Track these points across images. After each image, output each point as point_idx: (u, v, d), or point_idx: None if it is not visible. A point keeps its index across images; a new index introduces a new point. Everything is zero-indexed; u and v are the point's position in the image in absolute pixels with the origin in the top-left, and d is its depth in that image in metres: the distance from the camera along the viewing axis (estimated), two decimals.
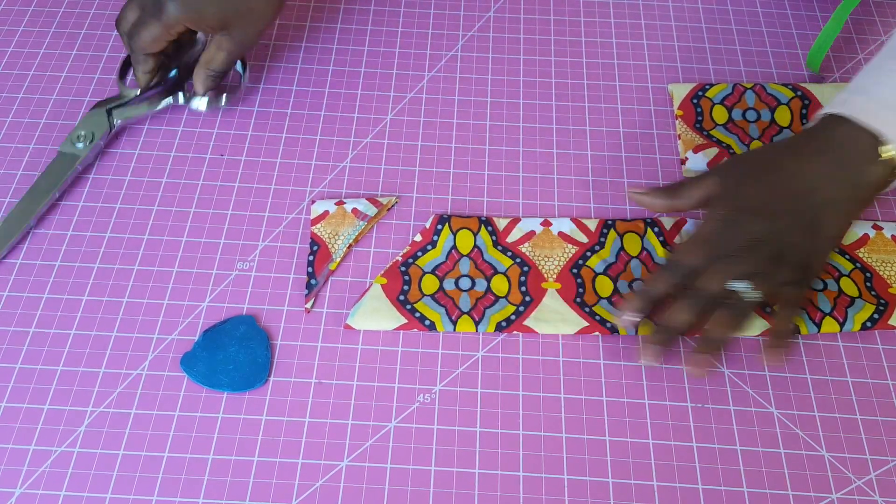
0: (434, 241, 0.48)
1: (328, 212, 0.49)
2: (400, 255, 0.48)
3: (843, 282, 0.47)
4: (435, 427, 0.43)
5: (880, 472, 0.42)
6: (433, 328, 0.45)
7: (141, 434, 0.42)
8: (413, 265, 0.47)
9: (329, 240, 0.48)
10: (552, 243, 0.49)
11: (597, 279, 0.47)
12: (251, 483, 0.41)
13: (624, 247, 0.49)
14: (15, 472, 0.41)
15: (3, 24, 0.60)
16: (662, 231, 0.49)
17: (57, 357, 0.44)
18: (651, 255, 0.48)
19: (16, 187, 0.51)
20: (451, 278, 0.47)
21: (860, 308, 0.46)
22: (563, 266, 0.48)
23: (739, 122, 0.54)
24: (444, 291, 0.47)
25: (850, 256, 0.48)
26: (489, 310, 0.46)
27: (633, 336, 0.46)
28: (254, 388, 0.43)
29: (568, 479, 0.41)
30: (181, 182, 0.51)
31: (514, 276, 0.47)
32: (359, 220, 0.48)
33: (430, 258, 0.48)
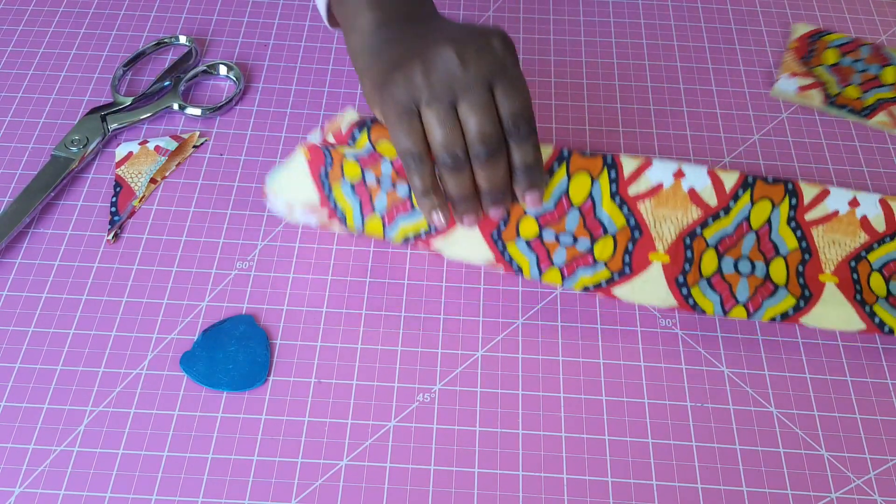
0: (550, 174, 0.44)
1: (132, 153, 0.51)
2: None
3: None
4: (434, 426, 0.43)
5: (879, 472, 0.42)
6: (520, 272, 0.44)
7: (140, 433, 0.42)
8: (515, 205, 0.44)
9: (131, 179, 0.50)
10: (677, 202, 0.44)
11: (705, 254, 0.44)
12: (251, 482, 0.41)
13: (749, 217, 0.45)
14: (14, 471, 0.41)
15: (3, 24, 0.60)
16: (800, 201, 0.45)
17: (56, 356, 0.44)
18: (770, 229, 0.45)
19: (14, 187, 0.51)
20: (551, 229, 0.44)
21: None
22: (679, 234, 0.44)
23: (846, 68, 0.55)
24: (541, 240, 0.44)
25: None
26: (583, 270, 0.43)
27: (633, 335, 0.46)
28: (253, 387, 0.43)
29: (567, 478, 0.41)
30: (180, 181, 0.51)
31: (621, 241, 0.44)
32: (160, 156, 0.50)
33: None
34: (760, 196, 0.45)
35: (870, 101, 0.54)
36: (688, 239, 0.44)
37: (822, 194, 0.46)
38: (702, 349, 0.46)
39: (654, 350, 0.46)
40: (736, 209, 0.45)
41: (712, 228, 0.45)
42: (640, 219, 0.44)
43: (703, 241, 0.44)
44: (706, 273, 0.44)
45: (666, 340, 0.46)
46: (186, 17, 0.61)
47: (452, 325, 0.46)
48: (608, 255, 0.44)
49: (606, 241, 0.44)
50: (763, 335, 0.46)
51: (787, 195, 0.45)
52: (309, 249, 0.49)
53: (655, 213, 0.44)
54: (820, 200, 0.45)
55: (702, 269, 0.44)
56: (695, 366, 0.45)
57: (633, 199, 0.45)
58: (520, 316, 0.47)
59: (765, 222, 0.45)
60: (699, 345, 0.46)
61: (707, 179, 0.45)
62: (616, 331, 0.46)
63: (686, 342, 0.46)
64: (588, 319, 0.47)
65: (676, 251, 0.44)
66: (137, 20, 0.60)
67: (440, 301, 0.47)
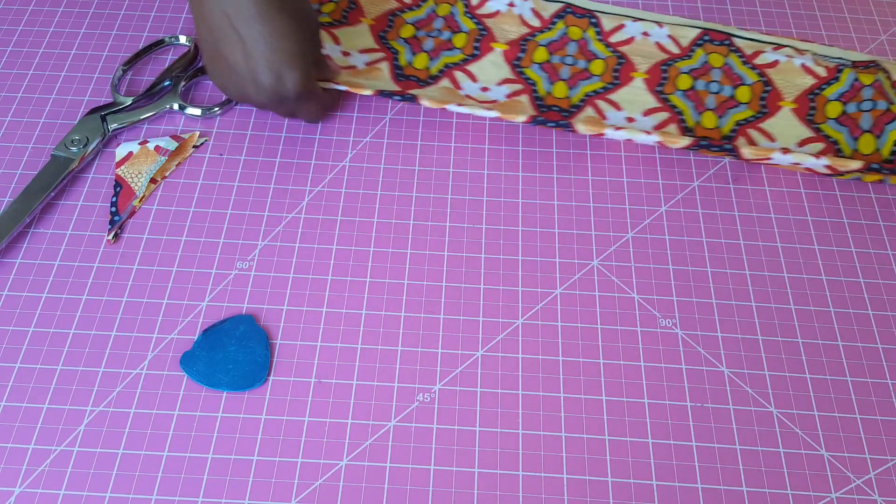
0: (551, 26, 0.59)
1: (132, 153, 0.51)
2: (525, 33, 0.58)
3: (739, 90, 0.55)
4: (434, 426, 0.43)
5: (879, 472, 0.42)
6: (535, 88, 0.55)
7: (140, 433, 0.42)
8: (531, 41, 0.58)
9: (131, 179, 0.50)
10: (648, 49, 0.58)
11: (679, 76, 0.56)
12: (251, 482, 0.41)
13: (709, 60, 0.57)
14: (14, 471, 0.41)
15: (3, 24, 0.60)
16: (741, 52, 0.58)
17: (56, 356, 0.44)
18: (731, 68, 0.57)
19: (15, 187, 0.51)
20: (558, 55, 0.57)
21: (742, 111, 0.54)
22: (655, 63, 0.57)
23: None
24: (550, 62, 0.57)
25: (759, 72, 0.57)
26: (583, 82, 0.55)
27: (633, 335, 0.46)
28: (253, 387, 0.43)
29: (567, 478, 0.41)
30: (180, 181, 0.51)
31: (610, 64, 0.57)
32: (160, 156, 0.50)
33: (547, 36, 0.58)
34: (711, 51, 0.58)
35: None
36: (663, 66, 0.57)
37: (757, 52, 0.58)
38: (702, 349, 0.46)
39: (654, 350, 0.46)
40: (696, 56, 0.58)
41: (681, 63, 0.57)
42: (623, 54, 0.58)
43: (676, 69, 0.57)
44: (681, 86, 0.56)
45: (666, 340, 0.46)
46: (186, 16, 0.61)
47: (452, 325, 0.46)
48: (601, 70, 0.57)
49: (598, 62, 0.57)
50: (763, 335, 0.46)
51: (730, 51, 0.58)
52: (309, 249, 0.49)
53: (632, 51, 0.58)
54: (758, 54, 0.58)
55: (676, 83, 0.56)
56: (695, 366, 0.45)
57: (614, 43, 0.58)
58: (520, 316, 0.47)
59: (723, 64, 0.57)
60: (699, 345, 0.46)
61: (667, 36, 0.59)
62: (616, 331, 0.46)
63: (686, 342, 0.46)
64: (588, 319, 0.47)
65: (654, 72, 0.57)
66: (137, 20, 0.60)
67: (440, 301, 0.47)
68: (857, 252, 0.50)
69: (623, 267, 0.49)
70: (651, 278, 0.48)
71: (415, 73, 0.56)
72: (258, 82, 0.47)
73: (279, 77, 0.47)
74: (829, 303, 0.48)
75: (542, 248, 0.49)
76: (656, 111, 0.55)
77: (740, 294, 0.48)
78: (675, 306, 0.47)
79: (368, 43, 0.57)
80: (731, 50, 0.58)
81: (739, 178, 0.53)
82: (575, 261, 0.49)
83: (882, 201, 0.52)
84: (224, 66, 0.47)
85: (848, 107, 0.55)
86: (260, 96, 0.48)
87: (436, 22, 0.58)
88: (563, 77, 0.56)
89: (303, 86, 0.48)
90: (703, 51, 0.58)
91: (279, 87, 0.47)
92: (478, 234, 0.50)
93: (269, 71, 0.46)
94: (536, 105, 0.55)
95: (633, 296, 0.48)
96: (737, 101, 0.55)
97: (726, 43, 0.58)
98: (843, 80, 0.56)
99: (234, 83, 0.48)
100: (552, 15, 0.59)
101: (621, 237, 0.50)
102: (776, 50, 0.57)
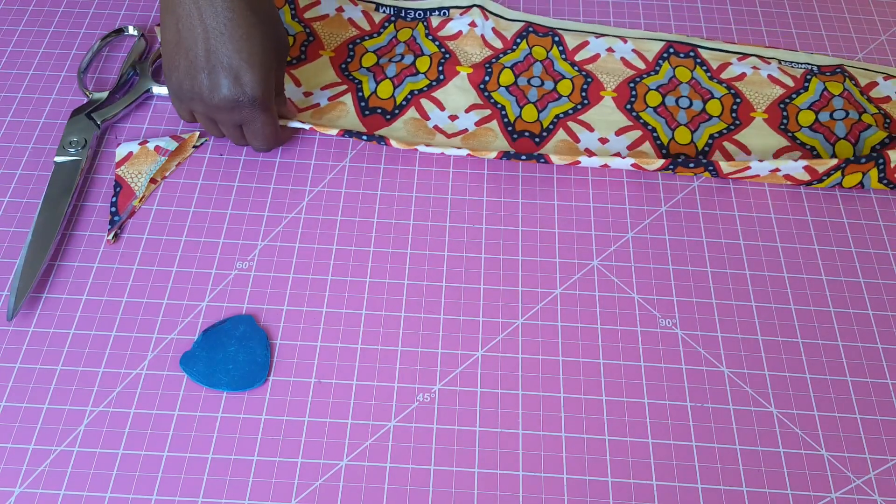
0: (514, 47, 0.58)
1: (132, 153, 0.51)
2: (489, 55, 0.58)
3: (710, 104, 0.56)
4: (434, 426, 0.43)
5: (879, 472, 0.42)
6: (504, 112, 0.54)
7: (140, 433, 0.42)
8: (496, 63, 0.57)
9: (131, 179, 0.50)
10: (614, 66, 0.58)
11: (648, 93, 0.56)
12: (251, 482, 0.41)
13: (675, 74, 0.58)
14: (14, 471, 0.41)
15: (3, 24, 0.60)
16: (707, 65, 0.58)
17: (56, 356, 0.44)
18: (699, 83, 0.57)
19: (15, 187, 0.51)
20: (524, 77, 0.57)
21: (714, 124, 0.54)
22: (623, 80, 0.57)
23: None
24: (517, 85, 0.56)
25: (727, 85, 0.57)
26: (552, 104, 0.55)
27: (633, 335, 0.46)
28: (253, 387, 0.43)
29: (567, 478, 0.41)
30: (180, 181, 0.51)
31: (577, 83, 0.56)
32: (160, 157, 0.50)
33: (512, 58, 0.57)
34: (677, 64, 0.58)
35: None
36: (631, 83, 0.57)
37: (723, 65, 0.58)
38: (702, 349, 0.46)
39: (654, 350, 0.46)
40: (662, 71, 0.58)
41: (648, 80, 0.57)
42: (589, 72, 0.57)
43: (644, 86, 0.57)
44: (650, 104, 0.55)
45: (666, 340, 0.46)
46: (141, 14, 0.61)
47: (452, 325, 0.46)
48: (569, 91, 0.56)
49: (566, 82, 0.57)
50: (763, 335, 0.46)
51: (697, 64, 0.58)
52: (309, 249, 0.49)
53: (599, 69, 0.58)
54: (725, 67, 0.58)
55: (646, 100, 0.56)
56: (695, 366, 0.45)
57: (579, 62, 0.58)
58: (520, 316, 0.47)
59: (690, 79, 0.57)
60: (699, 345, 0.46)
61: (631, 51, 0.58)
62: (616, 331, 0.46)
63: (686, 342, 0.46)
64: (588, 319, 0.47)
65: (623, 90, 0.56)
66: (75, 17, 0.60)
67: (440, 301, 0.47)
68: (857, 252, 0.50)
69: (623, 267, 0.49)
70: (651, 278, 0.48)
71: (380, 105, 0.55)
72: (215, 83, 0.46)
73: (237, 77, 0.46)
74: (829, 303, 0.48)
75: (542, 248, 0.49)
76: (629, 130, 0.54)
77: (740, 294, 0.48)
78: (675, 306, 0.47)
79: (330, 77, 0.56)
80: (697, 63, 0.58)
81: (739, 178, 0.53)
82: (575, 261, 0.49)
83: (882, 201, 0.52)
84: (183, 60, 0.46)
85: (820, 115, 0.55)
86: (213, 96, 0.46)
87: (398, 47, 0.58)
88: (531, 99, 0.55)
89: (260, 92, 0.47)
90: (668, 65, 0.58)
91: (235, 89, 0.46)
92: (478, 234, 0.50)
93: (228, 70, 0.46)
94: (507, 131, 0.54)
95: (633, 296, 0.48)
96: (708, 114, 0.55)
97: (691, 55, 0.58)
98: (811, 90, 0.56)
99: (189, 79, 0.46)
100: (514, 35, 0.59)
101: (621, 237, 0.50)
102: (741, 60, 0.58)
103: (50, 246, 0.47)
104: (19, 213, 0.50)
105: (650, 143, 0.53)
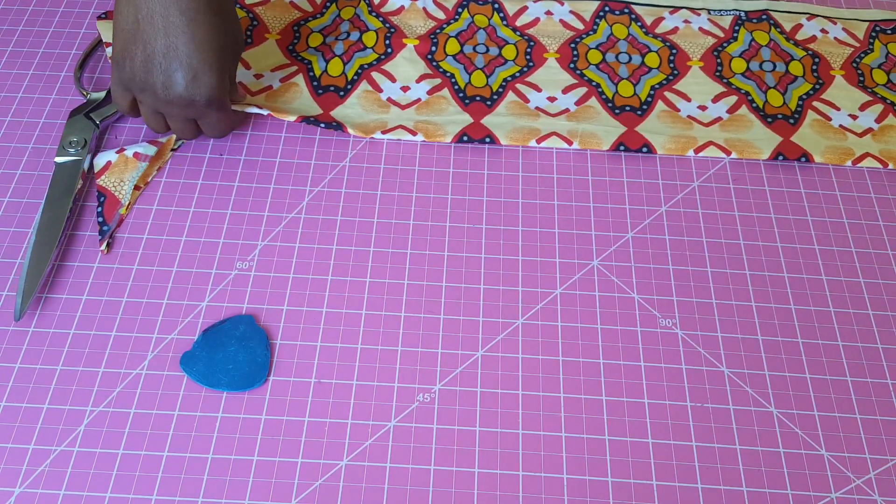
0: (456, 17, 0.60)
1: (111, 162, 0.50)
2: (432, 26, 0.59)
3: (648, 57, 0.58)
4: (434, 426, 0.43)
5: (879, 472, 0.42)
6: (454, 80, 0.56)
7: (140, 433, 0.42)
8: (441, 34, 0.59)
9: (115, 188, 0.50)
10: (555, 27, 0.60)
11: (589, 52, 0.59)
12: (251, 482, 0.41)
13: (613, 32, 0.60)
14: (14, 471, 0.41)
15: (3, 24, 0.60)
16: (641, 21, 0.61)
17: (56, 356, 0.44)
18: (636, 38, 0.60)
19: (15, 187, 0.51)
20: (469, 45, 0.58)
21: (653, 76, 0.57)
22: (564, 41, 0.59)
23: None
24: (463, 53, 0.58)
25: (662, 39, 0.60)
26: (499, 68, 0.57)
27: (633, 335, 0.46)
28: (253, 387, 0.43)
29: (567, 478, 0.41)
30: (180, 181, 0.51)
31: (521, 48, 0.58)
32: (141, 163, 0.50)
33: (455, 27, 0.59)
34: (613, 22, 0.61)
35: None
36: (572, 44, 0.59)
37: (657, 20, 0.61)
38: (702, 349, 0.46)
39: (654, 350, 0.46)
40: (600, 30, 0.60)
41: (588, 39, 0.59)
42: (531, 36, 0.59)
43: (585, 45, 0.59)
44: (592, 61, 0.58)
45: (666, 340, 0.46)
46: None
47: (452, 325, 0.46)
48: (513, 55, 0.58)
49: (510, 47, 0.58)
50: (763, 335, 0.46)
51: (631, 20, 0.61)
52: (309, 249, 0.49)
53: (539, 32, 0.60)
54: (658, 22, 0.61)
55: (588, 59, 0.58)
56: (695, 366, 0.45)
57: (521, 27, 0.60)
58: (520, 316, 0.47)
59: (627, 35, 0.60)
60: (699, 345, 0.46)
61: (569, 13, 0.61)
62: (616, 331, 0.46)
63: (686, 342, 0.46)
64: (588, 319, 0.47)
65: (564, 50, 0.59)
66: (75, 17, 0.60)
67: (440, 301, 0.47)
68: (857, 252, 0.50)
69: (623, 267, 0.49)
70: (651, 278, 0.48)
71: (332, 83, 0.56)
72: (171, 79, 0.45)
73: (196, 76, 0.45)
74: (829, 303, 0.48)
75: (542, 248, 0.49)
76: (575, 87, 0.56)
77: (740, 294, 0.48)
78: (675, 306, 0.47)
79: (279, 59, 0.57)
80: (632, 18, 0.61)
81: (739, 178, 0.53)
82: (575, 261, 0.49)
83: (882, 201, 0.52)
84: (140, 52, 0.45)
85: (751, 64, 0.58)
86: (167, 93, 0.46)
87: (342, 25, 0.59)
88: (478, 66, 0.57)
89: (217, 92, 0.47)
90: (605, 23, 0.60)
91: (192, 88, 0.46)
92: (478, 234, 0.50)
93: (187, 68, 0.45)
94: (459, 97, 0.55)
95: (633, 296, 0.48)
96: (647, 66, 0.58)
97: (626, 12, 0.61)
98: (740, 40, 0.59)
99: (143, 72, 0.45)
100: (455, 5, 0.61)
101: (621, 237, 0.50)
102: (672, 14, 0.61)
103: (55, 246, 0.47)
104: (19, 213, 0.50)
105: (596, 97, 0.56)
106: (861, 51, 0.59)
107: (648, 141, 0.53)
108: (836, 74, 0.57)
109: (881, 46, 0.59)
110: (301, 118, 0.53)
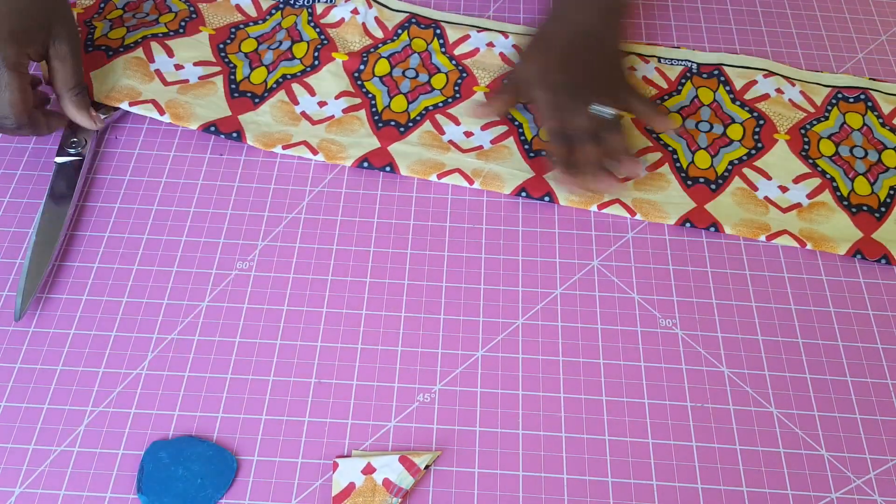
0: (395, 37, 0.58)
1: (354, 484, 0.40)
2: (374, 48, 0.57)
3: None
4: (434, 426, 0.43)
5: (879, 472, 0.42)
6: (374, 102, 0.54)
7: (140, 433, 0.42)
8: (373, 53, 0.57)
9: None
10: (493, 62, 0.58)
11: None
12: (251, 482, 0.41)
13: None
14: (14, 471, 0.41)
15: None
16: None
17: (56, 356, 0.44)
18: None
19: (15, 187, 0.51)
20: (400, 68, 0.56)
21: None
22: (496, 77, 0.56)
23: None
24: (391, 76, 0.56)
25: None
26: (423, 96, 0.55)
27: (633, 335, 0.46)
28: None
29: (567, 478, 0.41)
30: (181, 181, 0.51)
31: (452, 78, 0.56)
32: (392, 497, 0.40)
33: (390, 48, 0.57)
34: None
35: None
36: (506, 80, 0.55)
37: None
38: (702, 349, 0.46)
39: (654, 350, 0.46)
40: None
41: None
42: (465, 67, 0.57)
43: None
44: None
45: (666, 340, 0.46)
46: None
47: (452, 325, 0.46)
48: (442, 84, 0.56)
49: (440, 76, 0.56)
50: (763, 335, 0.46)
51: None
52: (309, 249, 0.49)
53: (476, 64, 0.57)
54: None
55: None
56: (695, 366, 0.45)
57: (458, 56, 0.58)
58: (520, 316, 0.47)
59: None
60: (699, 345, 0.46)
61: (511, 47, 0.58)
62: (616, 331, 0.46)
63: (686, 342, 0.46)
64: (588, 319, 0.47)
65: (496, 85, 0.56)
66: None
67: (440, 301, 0.47)
68: None
69: (623, 267, 0.49)
70: (651, 278, 0.48)
71: (250, 89, 0.54)
72: None
73: None
74: (829, 303, 0.48)
75: (542, 249, 0.49)
76: (495, 124, 0.54)
77: (740, 294, 0.48)
78: (675, 306, 0.47)
79: (205, 54, 0.56)
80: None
81: None
82: (575, 261, 0.49)
83: None
84: None
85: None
86: None
87: (279, 34, 0.57)
88: (402, 90, 0.55)
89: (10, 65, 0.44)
90: None
91: None
92: (478, 234, 0.50)
93: None
94: (373, 120, 0.53)
95: (633, 296, 0.48)
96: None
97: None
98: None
99: None
100: (396, 25, 0.58)
101: (621, 237, 0.50)
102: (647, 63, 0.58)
103: (55, 247, 0.47)
104: (19, 213, 0.50)
105: (514, 137, 0.53)
106: (814, 117, 0.55)
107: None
108: (779, 138, 0.53)
109: (838, 115, 0.55)
110: (202, 127, 0.52)
